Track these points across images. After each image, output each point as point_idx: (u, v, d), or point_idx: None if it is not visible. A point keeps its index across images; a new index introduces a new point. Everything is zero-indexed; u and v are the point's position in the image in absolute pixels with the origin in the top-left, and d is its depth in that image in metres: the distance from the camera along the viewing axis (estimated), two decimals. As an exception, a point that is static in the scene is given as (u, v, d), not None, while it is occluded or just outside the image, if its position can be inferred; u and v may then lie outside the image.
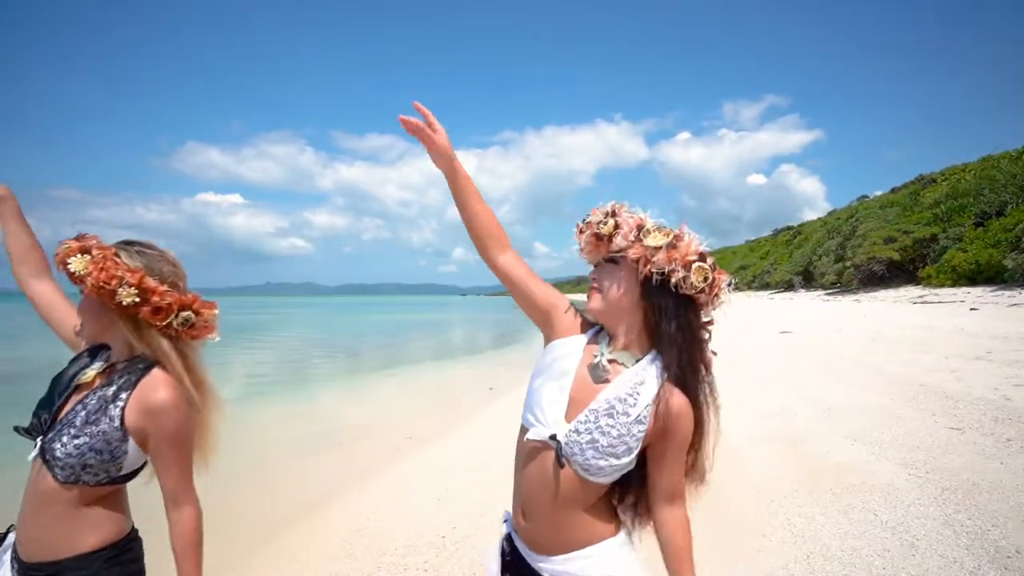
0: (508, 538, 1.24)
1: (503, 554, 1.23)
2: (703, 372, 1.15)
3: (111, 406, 1.17)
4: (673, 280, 1.08)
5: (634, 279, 1.12)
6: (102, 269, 1.15)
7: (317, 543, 3.25)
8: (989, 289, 20.26)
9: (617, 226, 1.13)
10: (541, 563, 1.15)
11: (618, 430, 1.05)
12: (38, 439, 1.19)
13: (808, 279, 39.00)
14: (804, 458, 4.28)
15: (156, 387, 1.19)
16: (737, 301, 40.01)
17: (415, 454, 5.17)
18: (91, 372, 1.24)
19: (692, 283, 1.08)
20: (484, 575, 2.74)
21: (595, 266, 1.20)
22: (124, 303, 1.16)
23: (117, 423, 1.16)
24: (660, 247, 1.08)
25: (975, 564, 2.63)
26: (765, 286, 47.60)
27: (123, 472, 1.20)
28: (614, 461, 1.06)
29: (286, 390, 9.78)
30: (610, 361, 1.12)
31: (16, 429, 1.23)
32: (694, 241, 1.10)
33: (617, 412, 1.06)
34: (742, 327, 17.09)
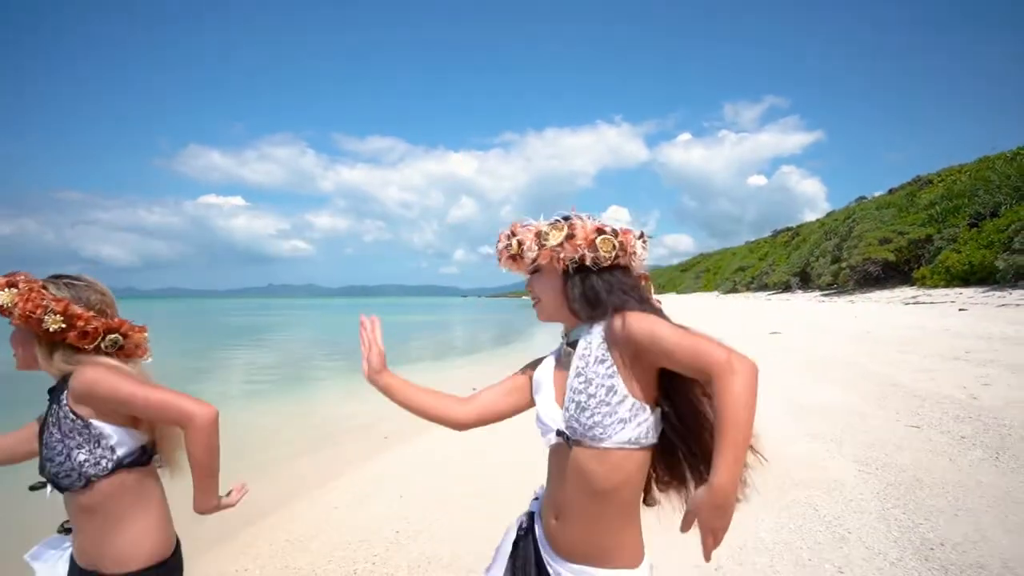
0: (530, 515, 1.30)
1: (520, 527, 1.29)
2: (641, 299, 1.18)
3: (61, 410, 1.30)
4: (587, 262, 1.15)
5: (556, 277, 1.20)
6: (28, 300, 1.26)
7: (279, 538, 3.36)
8: (981, 290, 20.30)
9: (520, 243, 1.20)
10: (555, 563, 1.18)
11: (590, 380, 1.10)
12: (45, 481, 1.33)
13: (805, 280, 39.03)
14: (758, 453, 4.37)
15: (83, 372, 1.29)
16: (734, 303, 40.12)
17: (389, 452, 5.30)
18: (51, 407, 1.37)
19: (603, 256, 1.15)
20: (428, 570, 2.85)
21: (526, 281, 1.28)
22: (51, 330, 1.26)
23: (72, 415, 1.28)
24: (561, 243, 1.16)
25: (898, 555, 2.72)
26: (763, 287, 47.62)
27: (121, 453, 1.30)
28: (606, 409, 1.08)
29: (280, 390, 9.91)
30: (570, 344, 1.20)
31: (31, 488, 1.37)
32: (587, 222, 1.17)
33: (582, 369, 1.13)
34: (738, 328, 17.16)
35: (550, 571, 1.19)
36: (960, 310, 15.85)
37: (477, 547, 3.05)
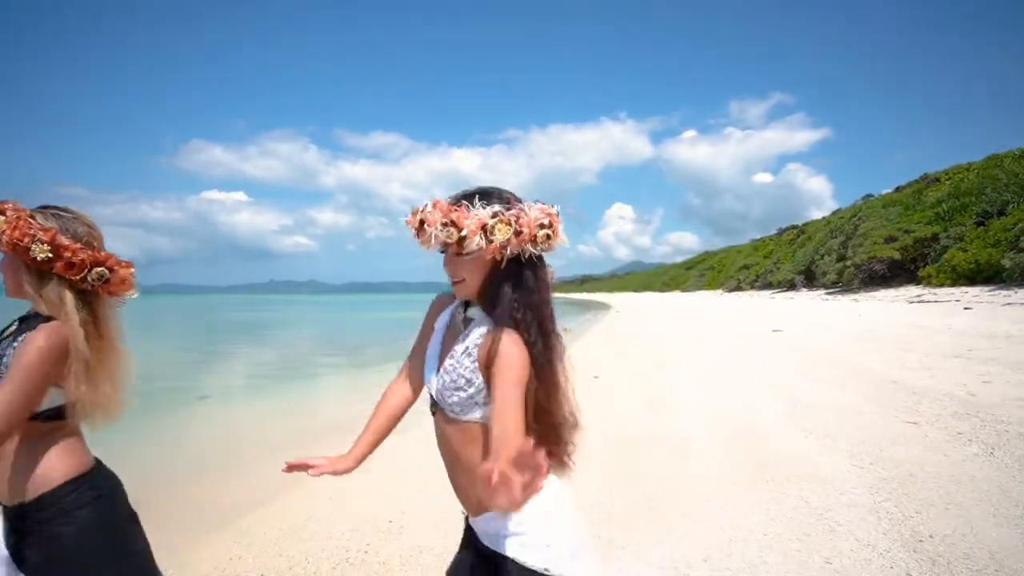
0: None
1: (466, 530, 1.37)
2: (539, 318, 1.20)
3: (7, 348, 1.31)
4: (525, 256, 1.16)
5: (486, 264, 1.18)
6: (15, 228, 1.27)
7: (272, 527, 3.40)
8: (987, 289, 20.16)
9: (461, 235, 1.14)
10: (475, 525, 1.27)
11: (458, 365, 1.20)
12: None
13: (810, 278, 38.85)
14: (753, 451, 4.38)
15: (36, 334, 1.27)
16: (738, 301, 39.99)
17: (387, 442, 5.32)
18: (10, 327, 1.39)
19: (539, 249, 1.16)
20: (420, 559, 2.87)
21: (447, 259, 1.23)
22: (38, 258, 1.28)
23: (6, 359, 1.29)
24: (508, 239, 1.14)
25: (887, 547, 2.73)
26: (768, 285, 47.43)
27: (36, 409, 1.28)
28: (460, 394, 1.18)
29: (279, 384, 9.97)
30: (465, 319, 1.26)
31: None
32: (530, 215, 1.15)
33: (457, 354, 1.21)
34: (740, 326, 17.14)
35: (479, 536, 1.26)
36: (965, 309, 15.76)
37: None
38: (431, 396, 1.27)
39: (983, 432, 4.44)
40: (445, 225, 1.14)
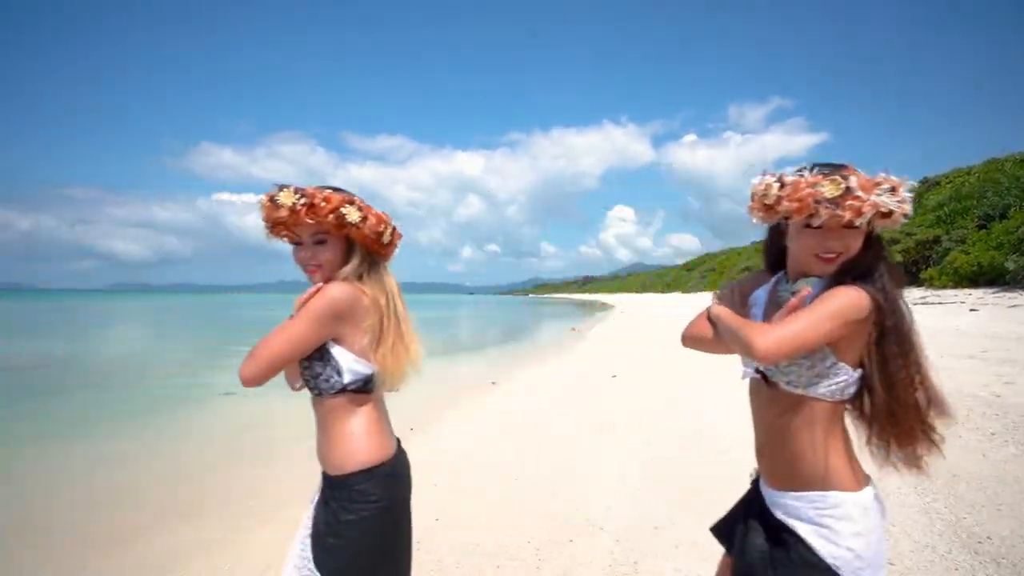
0: (756, 480, 1.34)
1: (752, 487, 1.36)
2: (893, 283, 1.16)
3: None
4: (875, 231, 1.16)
5: (861, 234, 1.14)
6: (375, 218, 1.33)
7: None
8: (991, 290, 20.25)
9: (862, 203, 1.07)
10: (776, 498, 1.22)
11: None
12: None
13: (811, 280, 38.98)
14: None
15: (331, 285, 1.30)
16: (739, 301, 39.98)
17: (416, 441, 5.29)
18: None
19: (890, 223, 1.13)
20: (472, 554, 2.85)
21: (828, 233, 1.14)
22: (351, 220, 1.29)
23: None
24: (891, 212, 1.10)
25: (947, 548, 2.72)
26: (768, 287, 47.57)
27: (347, 380, 1.30)
28: (807, 363, 1.13)
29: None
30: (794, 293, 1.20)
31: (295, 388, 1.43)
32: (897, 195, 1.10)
33: None
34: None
35: (775, 510, 1.22)
36: (971, 310, 15.81)
37: (518, 537, 3.05)
38: (758, 368, 1.22)
39: (1017, 433, 4.44)
40: (847, 192, 1.08)
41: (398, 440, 1.46)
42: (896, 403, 1.12)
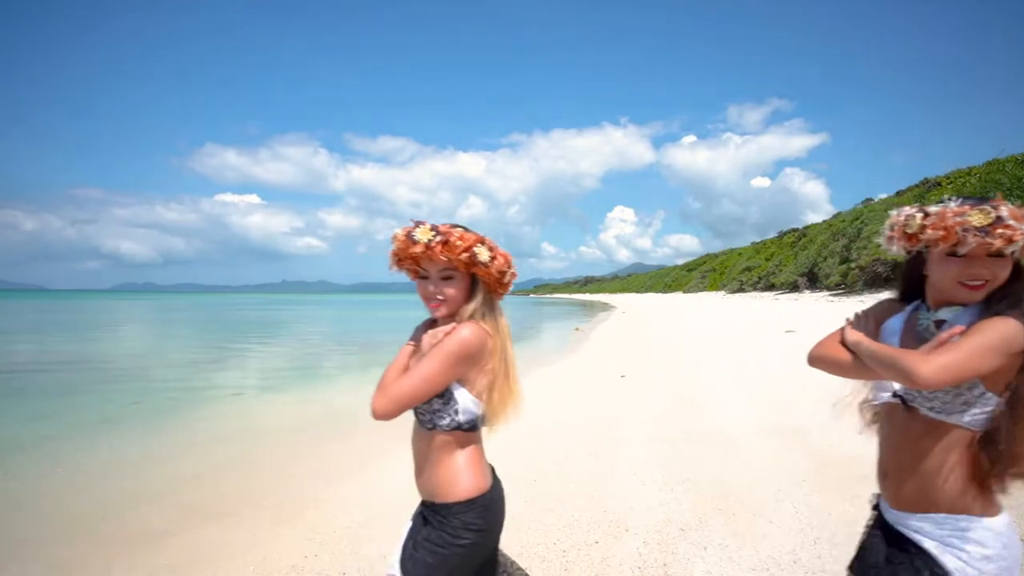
0: (877, 504, 1.36)
1: (875, 513, 1.37)
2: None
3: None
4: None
5: (1008, 264, 1.16)
6: (460, 237, 1.33)
7: (339, 524, 3.34)
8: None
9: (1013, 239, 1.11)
10: (902, 519, 1.22)
11: None
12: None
13: (813, 280, 38.95)
14: (811, 450, 4.36)
15: (462, 327, 1.35)
16: (743, 302, 40.04)
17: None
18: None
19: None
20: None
21: (979, 262, 1.16)
22: (482, 260, 1.33)
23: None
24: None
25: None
26: (770, 287, 47.53)
27: (462, 419, 1.36)
28: (955, 390, 1.13)
29: (303, 381, 9.89)
30: (937, 321, 1.23)
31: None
32: None
33: None
34: (748, 326, 17.15)
35: (903, 530, 1.22)
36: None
37: (543, 539, 3.03)
38: (895, 392, 1.23)
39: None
40: (998, 224, 1.11)
41: (493, 469, 1.52)
42: None
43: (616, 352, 12.33)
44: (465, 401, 1.36)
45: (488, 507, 1.40)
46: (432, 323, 1.48)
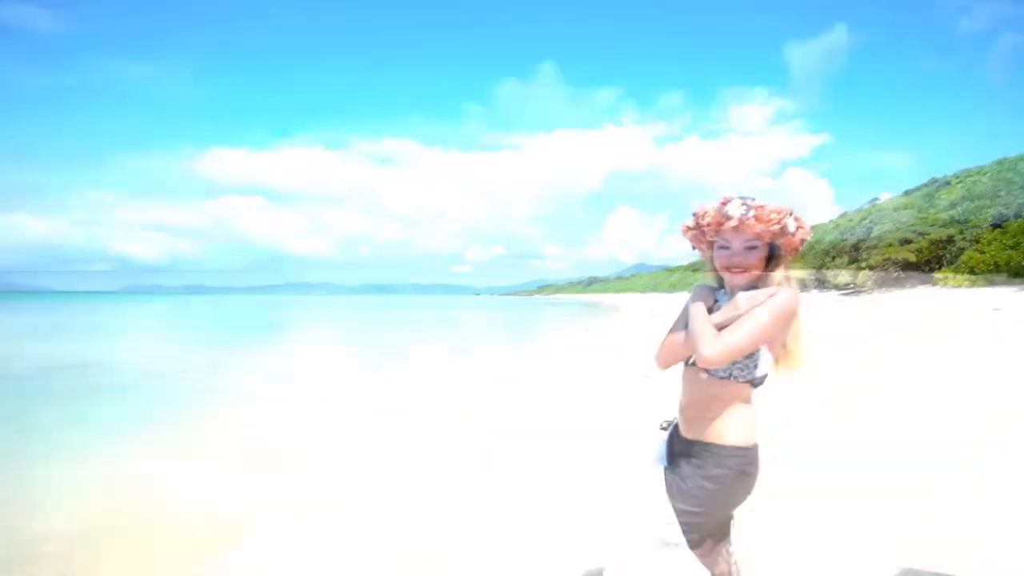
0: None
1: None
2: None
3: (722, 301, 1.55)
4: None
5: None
6: (775, 210, 1.43)
7: (376, 522, 3.28)
8: (1011, 288, 20.10)
9: None
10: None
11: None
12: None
13: (821, 280, 38.83)
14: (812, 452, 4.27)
15: (783, 291, 1.42)
16: (749, 302, 39.83)
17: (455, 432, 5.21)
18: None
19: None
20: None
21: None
22: (789, 230, 1.43)
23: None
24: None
25: None
26: (776, 288, 47.41)
27: (758, 374, 1.46)
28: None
29: (308, 381, 9.84)
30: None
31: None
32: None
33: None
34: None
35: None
36: (994, 310, 15.68)
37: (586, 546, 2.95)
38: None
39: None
40: None
41: None
42: None
43: (635, 352, 12.25)
44: (766, 358, 1.45)
45: (757, 457, 1.52)
46: (711, 290, 1.57)
